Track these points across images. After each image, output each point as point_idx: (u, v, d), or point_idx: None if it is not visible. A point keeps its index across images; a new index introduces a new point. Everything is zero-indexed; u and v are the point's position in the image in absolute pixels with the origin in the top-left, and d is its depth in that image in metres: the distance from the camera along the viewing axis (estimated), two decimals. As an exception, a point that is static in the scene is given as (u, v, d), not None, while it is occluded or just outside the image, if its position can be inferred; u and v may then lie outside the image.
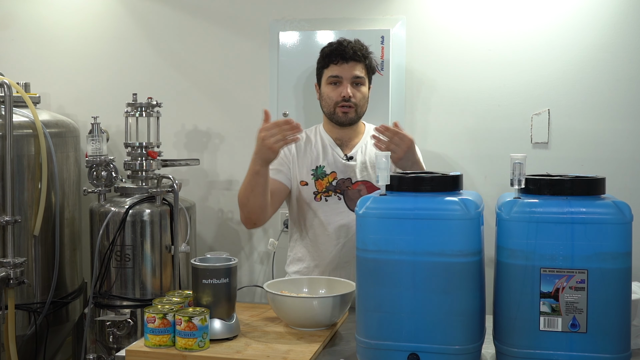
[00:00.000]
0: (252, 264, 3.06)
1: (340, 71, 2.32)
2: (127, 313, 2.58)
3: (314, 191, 2.36)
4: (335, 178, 2.36)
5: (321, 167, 2.37)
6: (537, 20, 2.70)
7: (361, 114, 2.37)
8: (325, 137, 2.42)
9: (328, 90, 2.35)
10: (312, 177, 2.37)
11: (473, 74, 2.76)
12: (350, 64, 2.31)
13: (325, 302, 1.92)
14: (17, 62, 3.14)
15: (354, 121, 2.36)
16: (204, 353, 1.76)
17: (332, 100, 2.34)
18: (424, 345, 1.61)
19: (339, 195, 2.35)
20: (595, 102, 2.67)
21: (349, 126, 2.38)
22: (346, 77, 2.32)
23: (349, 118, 2.34)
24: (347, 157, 2.38)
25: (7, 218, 2.52)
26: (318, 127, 2.47)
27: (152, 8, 3.07)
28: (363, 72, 2.34)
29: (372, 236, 1.65)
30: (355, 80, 2.32)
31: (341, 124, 2.36)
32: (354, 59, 2.31)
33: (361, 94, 2.34)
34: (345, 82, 2.32)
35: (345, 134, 2.41)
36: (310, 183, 2.37)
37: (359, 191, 2.34)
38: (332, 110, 2.35)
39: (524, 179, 1.64)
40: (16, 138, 2.56)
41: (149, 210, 2.62)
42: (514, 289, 1.60)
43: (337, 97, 2.32)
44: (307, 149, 2.40)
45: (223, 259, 1.89)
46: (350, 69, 2.31)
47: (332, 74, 2.33)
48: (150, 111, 2.74)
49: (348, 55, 2.30)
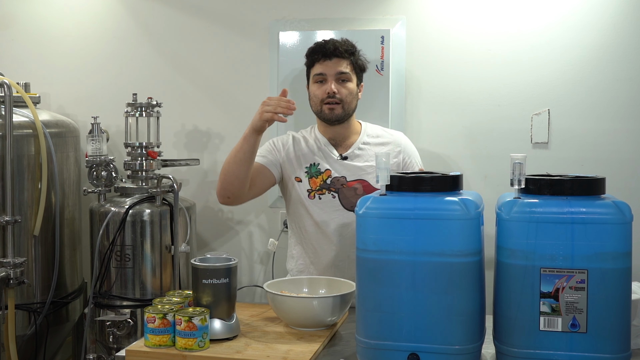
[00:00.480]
0: (252, 264, 3.06)
1: (324, 68, 2.33)
2: (127, 313, 2.58)
3: (308, 189, 2.36)
4: (330, 176, 2.36)
5: (315, 165, 2.37)
6: (537, 20, 2.70)
7: (349, 110, 2.36)
8: (320, 137, 2.42)
9: (314, 89, 2.36)
10: (306, 175, 2.37)
11: (473, 74, 2.76)
12: (333, 61, 2.32)
13: (325, 302, 1.92)
14: (17, 62, 3.14)
15: (341, 117, 2.36)
16: (204, 353, 1.76)
17: (318, 98, 2.35)
18: (424, 345, 1.61)
19: (333, 194, 2.35)
20: (595, 102, 2.67)
21: (338, 124, 2.38)
22: (330, 73, 2.33)
23: (335, 114, 2.34)
24: (342, 157, 2.38)
25: (7, 218, 2.52)
26: (313, 128, 2.47)
27: (152, 8, 3.07)
28: (348, 68, 2.34)
29: (372, 236, 1.65)
30: (339, 76, 2.33)
31: (328, 120, 2.36)
32: (336, 55, 2.32)
33: (347, 89, 2.34)
34: (330, 78, 2.33)
35: (339, 133, 2.41)
36: (304, 180, 2.37)
37: (355, 189, 2.33)
38: (319, 108, 2.36)
39: (524, 179, 1.64)
40: (16, 138, 2.56)
41: (149, 210, 2.62)
42: (514, 289, 1.60)
43: (323, 95, 2.33)
44: (302, 147, 2.41)
45: (223, 259, 1.89)
46: (333, 66, 2.32)
47: (317, 72, 2.35)
48: (150, 111, 2.74)
49: (329, 52, 2.32)
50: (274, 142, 2.44)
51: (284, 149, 2.41)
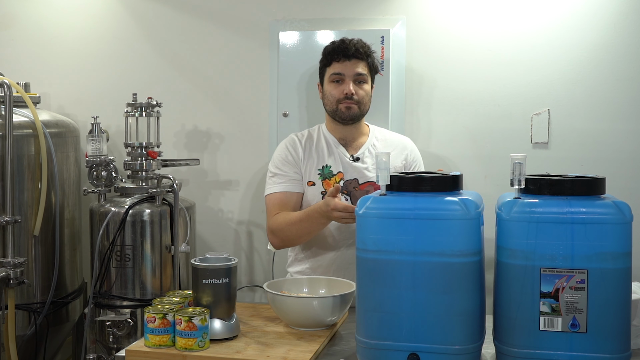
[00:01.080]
0: (252, 264, 3.06)
1: (343, 69, 2.32)
2: (127, 313, 2.58)
3: (322, 191, 2.35)
4: (342, 178, 2.36)
5: (327, 167, 2.36)
6: (537, 20, 2.70)
7: (364, 111, 2.37)
8: (329, 136, 2.41)
9: (331, 88, 2.35)
10: (319, 177, 2.36)
11: (473, 74, 2.76)
12: (352, 62, 2.32)
13: (325, 302, 1.92)
14: (17, 62, 3.14)
15: (357, 117, 2.36)
16: (204, 353, 1.76)
17: (335, 98, 2.34)
18: (424, 345, 1.61)
19: (345, 196, 2.34)
20: (595, 102, 2.67)
21: (351, 124, 2.37)
22: (348, 74, 2.32)
23: (351, 113, 2.33)
24: (354, 158, 2.37)
25: (7, 218, 2.52)
26: (321, 127, 2.46)
27: (152, 8, 3.07)
28: (365, 70, 2.34)
29: (372, 236, 1.65)
30: (357, 77, 2.33)
31: (344, 120, 2.35)
32: (356, 56, 2.32)
33: (364, 91, 2.34)
34: (348, 79, 2.32)
35: (349, 133, 2.40)
36: (317, 183, 2.36)
37: (367, 192, 2.32)
38: (334, 107, 2.34)
39: (524, 179, 1.64)
40: (16, 138, 2.56)
41: (149, 210, 2.62)
42: (514, 289, 1.60)
43: (340, 95, 2.32)
44: (312, 148, 2.39)
45: (223, 259, 1.89)
46: (352, 67, 2.32)
47: (335, 71, 2.33)
48: (150, 111, 2.74)
49: (350, 52, 2.31)
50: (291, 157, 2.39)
51: (297, 155, 2.39)
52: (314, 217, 2.19)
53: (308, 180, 2.37)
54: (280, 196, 2.33)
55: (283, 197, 2.32)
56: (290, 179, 2.35)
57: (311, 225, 2.22)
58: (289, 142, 2.42)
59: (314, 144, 2.40)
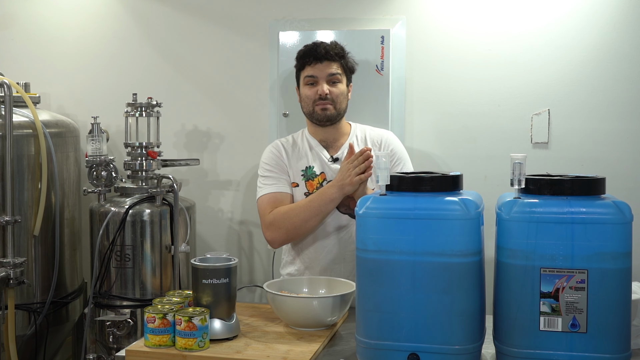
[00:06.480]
0: (252, 264, 3.06)
1: (315, 71, 2.35)
2: (127, 313, 2.58)
3: (305, 192, 2.36)
4: (325, 179, 2.37)
5: (311, 168, 2.38)
6: (537, 20, 2.70)
7: (340, 110, 2.37)
8: (311, 139, 2.43)
9: (305, 90, 2.37)
10: (303, 178, 2.38)
11: (473, 74, 2.76)
12: (324, 64, 2.34)
13: (325, 302, 1.92)
14: (17, 62, 3.15)
15: (333, 117, 2.36)
16: (204, 353, 1.76)
17: (310, 100, 2.36)
18: (424, 345, 1.61)
19: None
20: (595, 102, 2.67)
21: (330, 125, 2.38)
22: (321, 76, 2.34)
23: (327, 114, 2.35)
24: (333, 159, 2.38)
25: (7, 218, 2.52)
26: (304, 131, 2.47)
27: (152, 8, 3.07)
28: (339, 70, 2.36)
29: (372, 236, 1.65)
30: (330, 78, 2.35)
31: (321, 121, 2.37)
32: (327, 58, 2.34)
33: (338, 90, 2.36)
34: (321, 80, 2.34)
35: (329, 134, 2.41)
36: (301, 184, 2.37)
37: None
38: (311, 109, 2.37)
39: (524, 179, 1.64)
40: (16, 138, 2.56)
41: (149, 210, 2.62)
42: (514, 289, 1.60)
43: (314, 96, 2.35)
44: (296, 151, 2.41)
45: (223, 259, 1.89)
46: (324, 68, 2.34)
47: (308, 74, 2.36)
48: (150, 111, 2.74)
49: (321, 54, 2.34)
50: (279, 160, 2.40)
51: (284, 162, 2.40)
52: (324, 192, 2.22)
53: (292, 181, 2.38)
54: (273, 196, 2.34)
55: (276, 197, 2.33)
56: (281, 180, 2.37)
57: (320, 205, 2.22)
58: (274, 146, 2.45)
59: (297, 148, 2.41)
